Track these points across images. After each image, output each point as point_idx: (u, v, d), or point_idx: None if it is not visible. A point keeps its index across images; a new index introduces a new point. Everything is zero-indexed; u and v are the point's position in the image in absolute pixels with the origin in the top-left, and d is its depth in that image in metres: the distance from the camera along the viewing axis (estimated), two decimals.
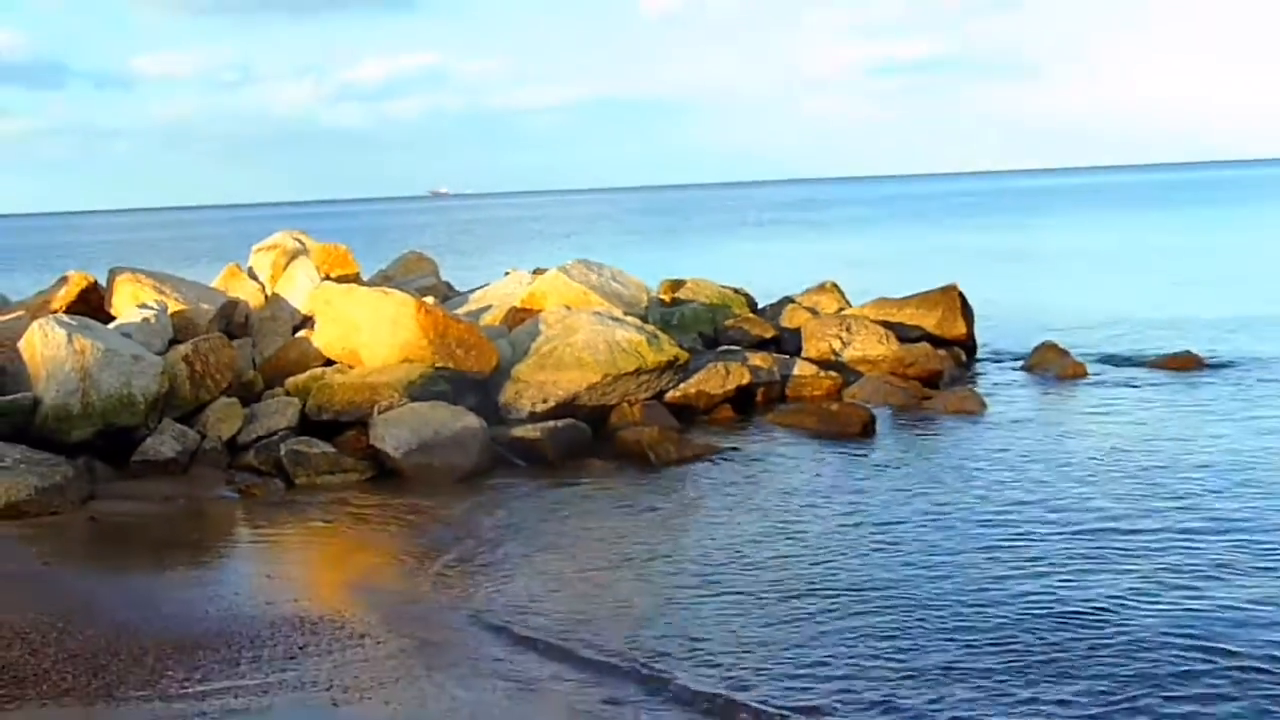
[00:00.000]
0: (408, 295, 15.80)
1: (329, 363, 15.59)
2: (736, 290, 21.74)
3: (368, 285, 17.79)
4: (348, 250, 19.68)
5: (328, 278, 17.78)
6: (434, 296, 18.34)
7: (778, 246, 56.35)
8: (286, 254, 18.87)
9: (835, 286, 21.82)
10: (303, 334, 16.42)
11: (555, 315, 16.22)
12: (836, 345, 18.27)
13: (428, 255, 22.71)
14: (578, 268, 18.70)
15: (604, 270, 19.01)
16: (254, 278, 18.82)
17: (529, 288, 18.39)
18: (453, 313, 16.45)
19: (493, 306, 18.41)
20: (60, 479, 12.30)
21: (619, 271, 19.29)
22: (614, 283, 18.63)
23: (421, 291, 18.09)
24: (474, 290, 20.22)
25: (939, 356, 18.22)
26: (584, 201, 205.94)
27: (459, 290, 21.08)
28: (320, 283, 17.20)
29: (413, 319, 15.11)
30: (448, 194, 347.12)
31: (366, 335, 15.32)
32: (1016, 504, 11.46)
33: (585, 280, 18.18)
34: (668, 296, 20.80)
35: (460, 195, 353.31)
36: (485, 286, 20.16)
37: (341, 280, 17.68)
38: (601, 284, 18.29)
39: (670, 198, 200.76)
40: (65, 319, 14.47)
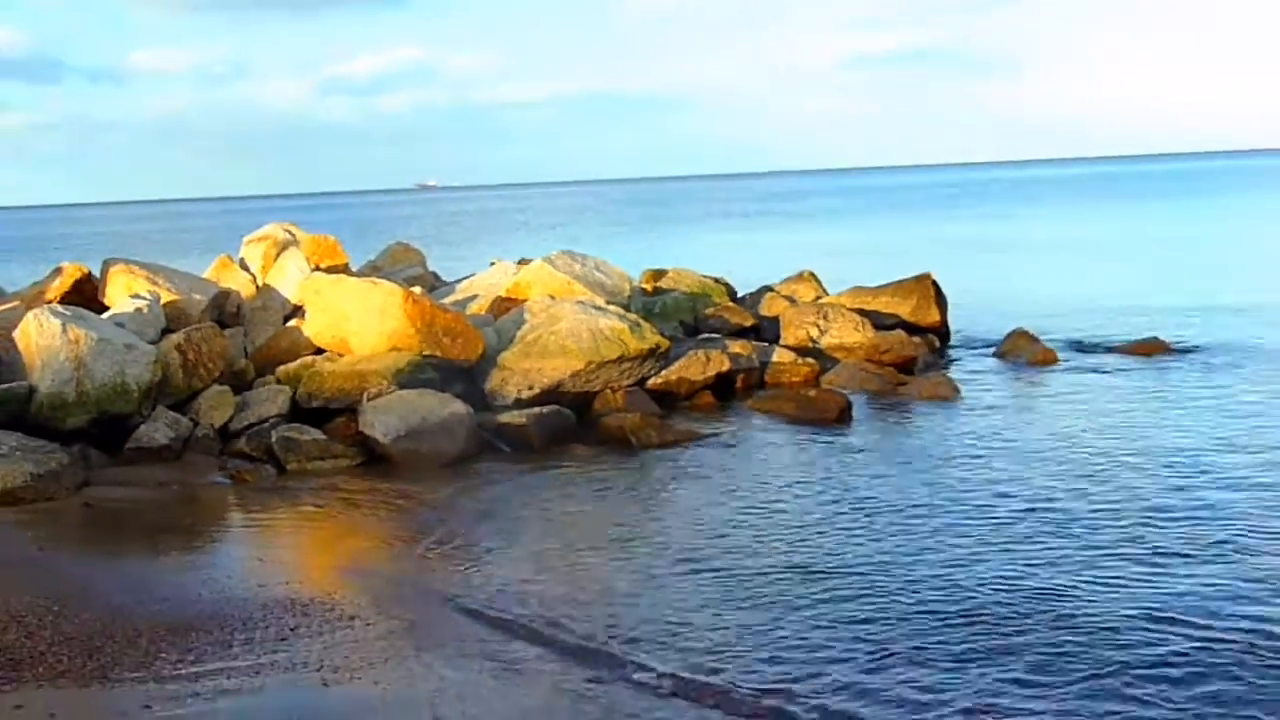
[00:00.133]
0: (396, 285, 15.78)
1: (319, 351, 15.57)
2: (716, 280, 21.73)
3: (357, 276, 17.75)
4: (337, 241, 19.65)
5: (317, 268, 17.77)
6: (421, 286, 18.29)
7: (757, 237, 56.33)
8: (277, 245, 18.85)
9: (813, 275, 21.84)
10: (293, 323, 16.39)
11: (540, 304, 16.23)
12: (814, 333, 18.30)
13: (415, 246, 22.70)
14: (562, 258, 18.70)
15: (587, 260, 19.00)
16: (245, 268, 18.80)
17: (514, 278, 18.37)
18: (440, 302, 16.45)
19: (479, 296, 18.40)
20: (55, 466, 12.26)
21: (602, 262, 19.27)
22: (597, 272, 18.63)
23: (409, 282, 18.06)
24: (461, 280, 20.19)
25: (913, 343, 18.27)
26: (569, 194, 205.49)
27: (446, 280, 21.06)
28: (310, 273, 17.19)
29: (401, 308, 15.10)
30: (436, 186, 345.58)
31: (355, 324, 15.31)
32: (988, 487, 11.50)
33: (569, 270, 18.17)
34: (649, 286, 20.80)
35: (448, 188, 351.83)
36: (472, 276, 20.13)
37: (331, 271, 17.68)
38: (585, 274, 18.28)
39: (653, 190, 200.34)
40: (60, 309, 14.43)
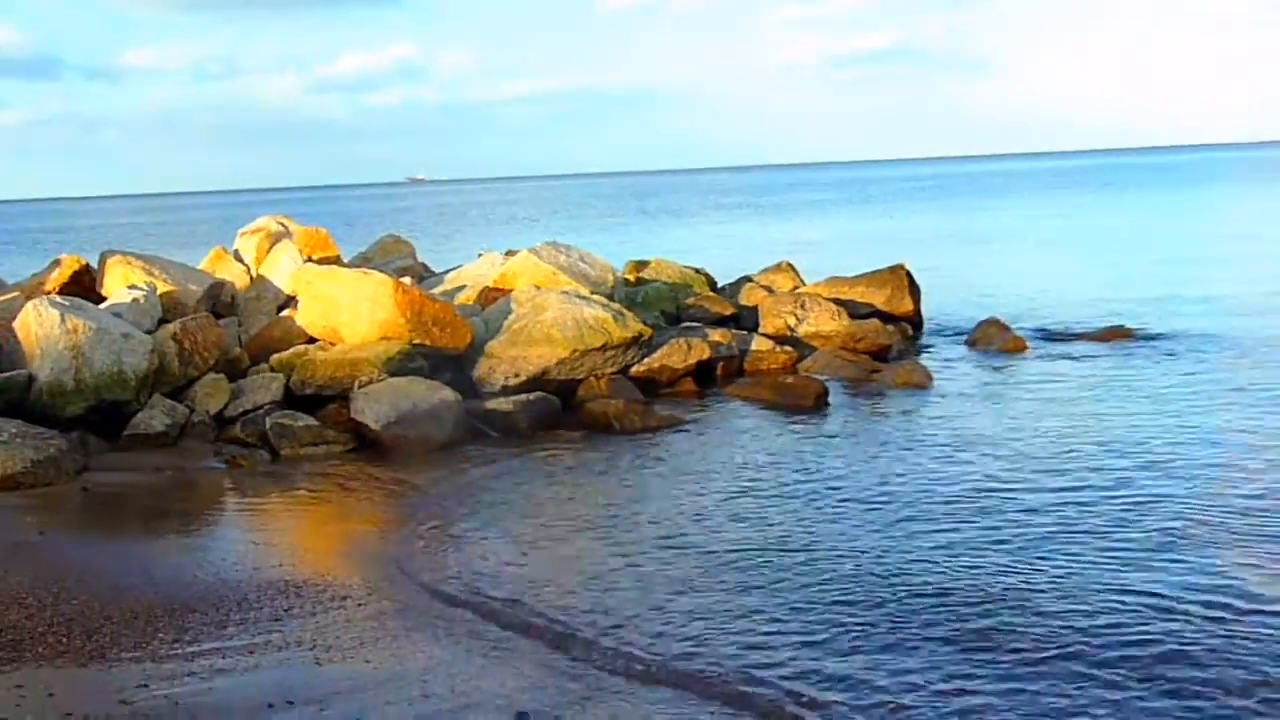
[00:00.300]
0: (386, 276, 15.73)
1: (311, 340, 15.51)
2: (697, 270, 21.74)
3: (348, 267, 17.70)
4: (329, 234, 19.59)
5: (310, 260, 17.70)
6: (411, 277, 18.28)
7: (737, 229, 56.36)
8: (270, 237, 18.79)
9: (790, 266, 21.87)
10: (286, 313, 16.33)
11: (526, 294, 16.20)
12: (791, 321, 18.31)
13: (405, 238, 22.63)
14: (547, 249, 18.65)
15: (572, 252, 18.96)
16: (239, 260, 18.73)
17: (501, 268, 18.32)
18: (429, 292, 16.39)
19: (467, 286, 18.35)
20: (55, 452, 12.20)
21: (586, 253, 19.24)
22: (581, 263, 18.60)
23: (399, 272, 18.02)
24: (449, 271, 20.15)
25: (888, 332, 18.30)
26: (555, 187, 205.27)
27: (435, 271, 21.00)
28: (303, 264, 17.13)
29: (391, 298, 15.06)
30: (425, 180, 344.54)
31: (347, 314, 15.26)
32: (960, 472, 11.52)
33: (554, 261, 18.13)
34: (632, 276, 20.78)
35: (437, 181, 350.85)
36: (460, 267, 20.09)
37: (323, 262, 17.60)
38: (570, 265, 18.24)
39: (637, 183, 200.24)
40: (58, 300, 14.35)
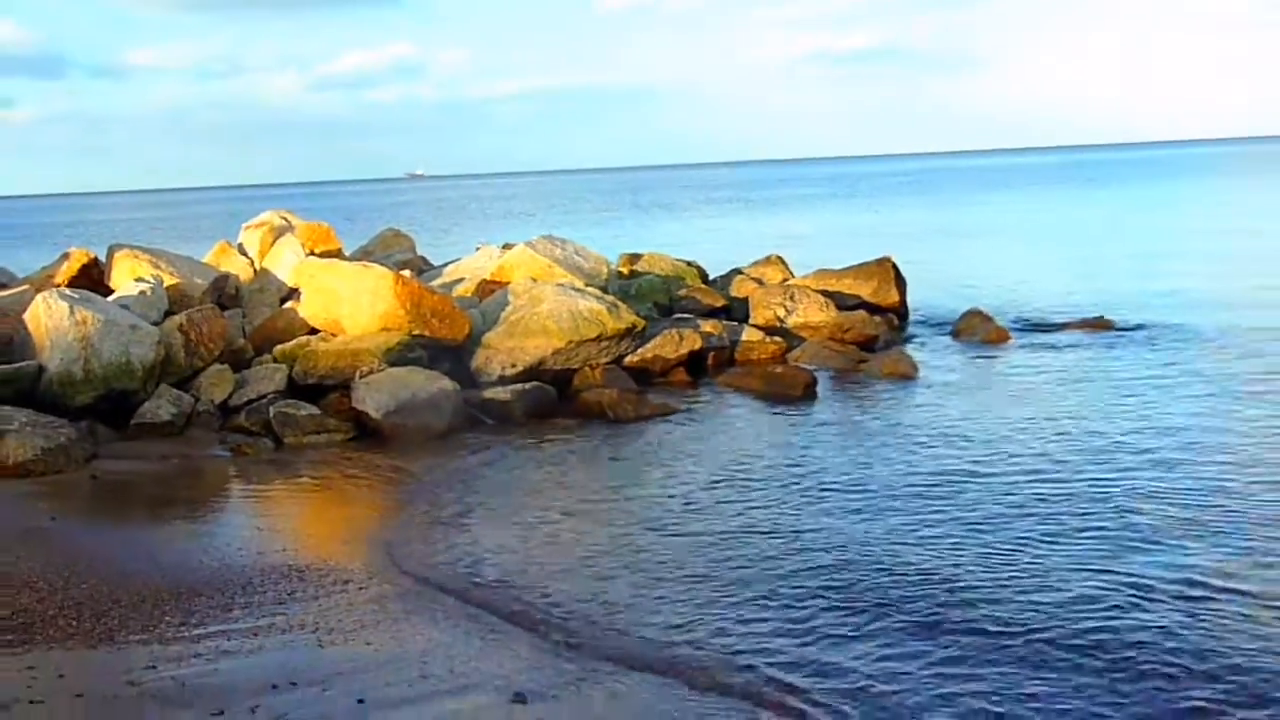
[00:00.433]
0: (386, 269, 15.71)
1: (314, 331, 15.50)
2: (689, 263, 21.73)
3: (349, 260, 17.68)
4: (330, 228, 19.58)
5: (312, 253, 17.69)
6: (411, 270, 18.22)
7: (728, 223, 56.29)
8: (274, 231, 18.76)
9: (780, 259, 21.86)
10: (289, 305, 16.31)
11: (523, 287, 16.19)
12: (781, 313, 18.32)
13: (405, 232, 22.61)
14: (543, 243, 18.65)
15: (567, 245, 18.95)
16: (244, 253, 18.70)
17: (498, 261, 18.32)
18: (428, 285, 16.38)
19: (465, 279, 18.35)
20: (64, 440, 12.19)
21: (581, 246, 19.24)
22: (576, 256, 18.59)
23: (399, 266, 17.99)
24: (448, 264, 20.13)
25: (874, 323, 18.31)
26: (551, 182, 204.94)
27: (434, 264, 20.98)
28: (305, 258, 17.11)
29: (391, 291, 15.04)
30: (424, 175, 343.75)
31: (348, 306, 15.24)
32: (943, 459, 11.54)
33: (550, 254, 18.12)
34: (626, 269, 20.77)
35: (436, 177, 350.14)
36: (458, 260, 20.08)
37: (325, 255, 17.61)
38: (565, 258, 18.24)
39: (631, 178, 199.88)
40: (68, 292, 14.32)
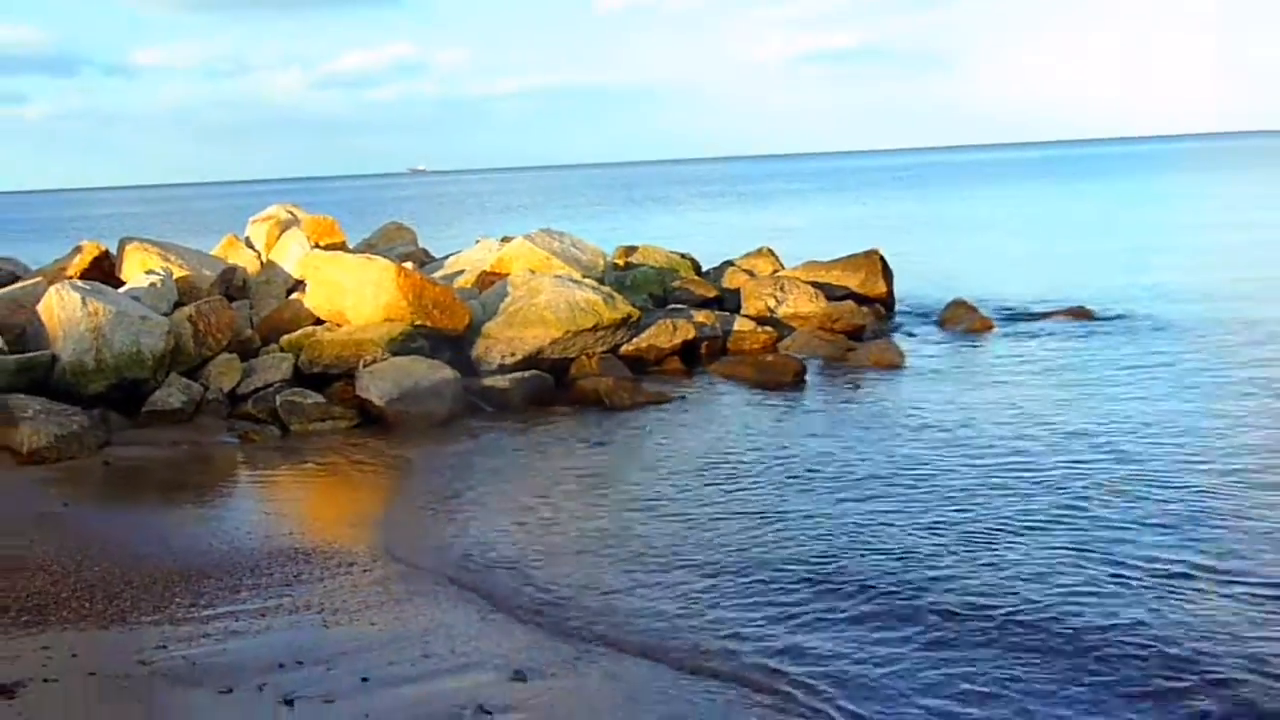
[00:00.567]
0: (389, 261, 15.71)
1: (319, 322, 15.50)
2: (683, 255, 21.71)
3: (353, 252, 17.67)
4: (335, 221, 19.56)
5: (317, 246, 17.67)
6: (413, 262, 18.24)
7: (721, 216, 56.26)
8: (280, 225, 18.75)
9: (770, 251, 21.85)
10: (295, 296, 16.31)
11: (521, 278, 16.19)
12: (772, 303, 18.33)
13: (407, 225, 22.57)
14: (541, 236, 18.64)
15: (564, 238, 18.94)
16: (251, 246, 18.69)
17: (498, 254, 18.30)
18: (429, 276, 16.38)
19: (465, 271, 18.33)
20: (77, 428, 12.20)
21: (578, 239, 19.22)
22: (573, 249, 18.58)
23: (402, 258, 18.00)
24: (449, 256, 20.11)
25: (862, 313, 18.33)
26: (549, 177, 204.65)
27: (435, 256, 20.96)
28: (310, 250, 17.09)
29: (393, 282, 15.04)
30: (426, 171, 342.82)
31: (352, 297, 15.24)
32: (929, 446, 11.55)
33: (548, 247, 18.11)
34: (621, 261, 20.76)
35: (438, 172, 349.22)
36: (459, 253, 20.05)
37: (330, 248, 17.59)
38: (562, 250, 18.23)
39: (626, 174, 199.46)
40: (80, 284, 14.31)
